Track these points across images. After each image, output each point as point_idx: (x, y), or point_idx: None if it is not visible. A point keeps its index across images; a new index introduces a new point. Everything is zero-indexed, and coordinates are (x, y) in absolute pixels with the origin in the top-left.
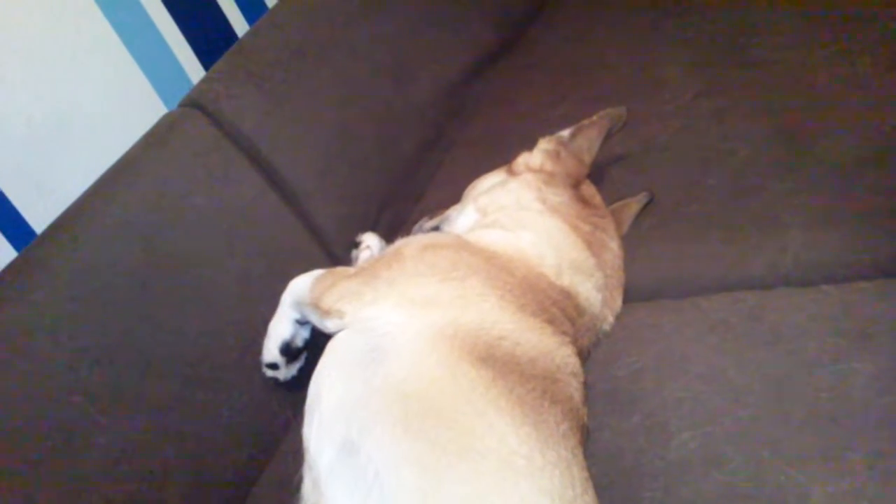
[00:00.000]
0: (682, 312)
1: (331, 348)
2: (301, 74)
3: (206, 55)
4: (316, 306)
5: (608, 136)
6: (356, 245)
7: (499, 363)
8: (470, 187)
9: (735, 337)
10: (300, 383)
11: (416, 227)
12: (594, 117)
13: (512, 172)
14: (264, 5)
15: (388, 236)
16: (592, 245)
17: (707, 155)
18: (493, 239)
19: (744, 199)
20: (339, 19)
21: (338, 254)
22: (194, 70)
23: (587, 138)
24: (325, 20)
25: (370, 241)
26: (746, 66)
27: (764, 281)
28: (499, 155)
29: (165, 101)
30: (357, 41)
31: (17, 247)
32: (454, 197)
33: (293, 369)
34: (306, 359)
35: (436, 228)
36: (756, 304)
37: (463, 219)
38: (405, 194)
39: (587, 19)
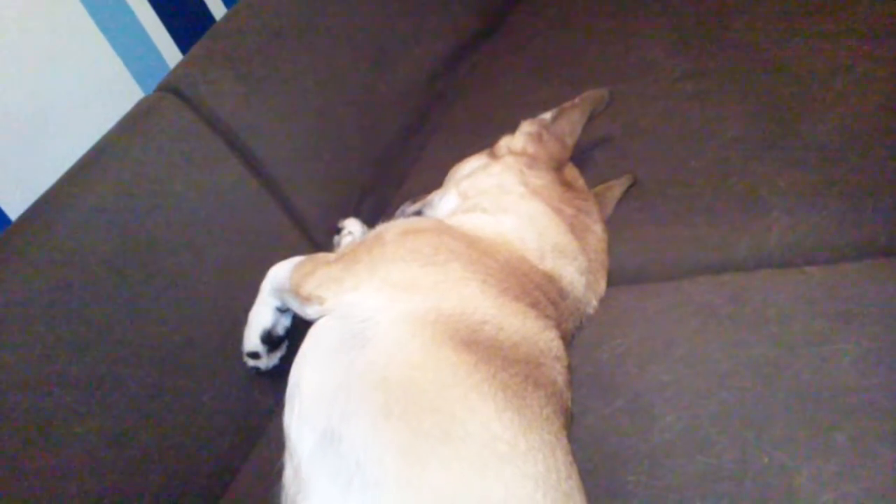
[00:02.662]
0: (666, 296)
1: (311, 335)
2: (280, 58)
3: (183, 39)
4: (296, 293)
5: (591, 119)
6: (338, 231)
7: (481, 348)
8: (452, 171)
9: (719, 320)
10: (282, 371)
11: (398, 212)
12: (576, 99)
13: (494, 156)
14: None
15: (371, 221)
16: (575, 228)
17: (690, 137)
18: (474, 223)
19: (727, 181)
20: (319, 2)
21: (319, 240)
22: (171, 54)
23: (569, 120)
24: (305, 3)
25: (352, 227)
26: (730, 47)
27: (748, 263)
28: (482, 139)
29: (142, 87)
30: (337, 25)
31: None
32: (437, 181)
33: (274, 358)
34: (288, 347)
35: (418, 213)
36: (740, 287)
37: (445, 203)
38: (387, 179)
39: (570, 2)
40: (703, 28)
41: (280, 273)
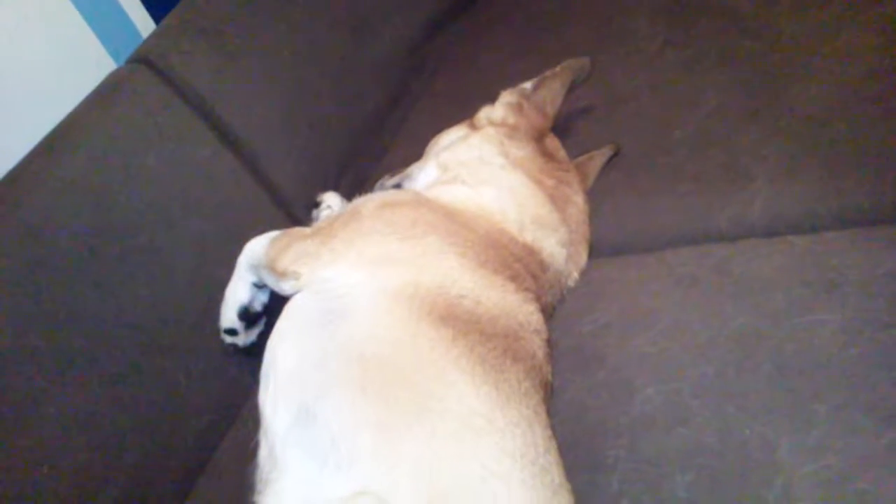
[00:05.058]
0: (648, 267)
1: (287, 311)
2: (255, 29)
3: (157, 9)
4: (272, 268)
5: (572, 88)
6: (316, 205)
7: (459, 322)
8: (431, 143)
9: (701, 291)
10: (260, 348)
11: (378, 185)
12: (557, 68)
13: (474, 127)
14: None
15: (350, 195)
16: (556, 200)
17: (673, 106)
18: (453, 195)
19: (710, 151)
20: None
21: (297, 214)
22: (144, 25)
23: (550, 90)
24: None
25: (330, 201)
26: (713, 15)
27: (731, 233)
28: (463, 110)
29: (114, 58)
30: None
31: None
32: (417, 153)
33: (252, 335)
34: (266, 323)
35: (397, 186)
36: (722, 257)
37: (424, 175)
38: (367, 152)
39: None
40: None
41: (256, 248)
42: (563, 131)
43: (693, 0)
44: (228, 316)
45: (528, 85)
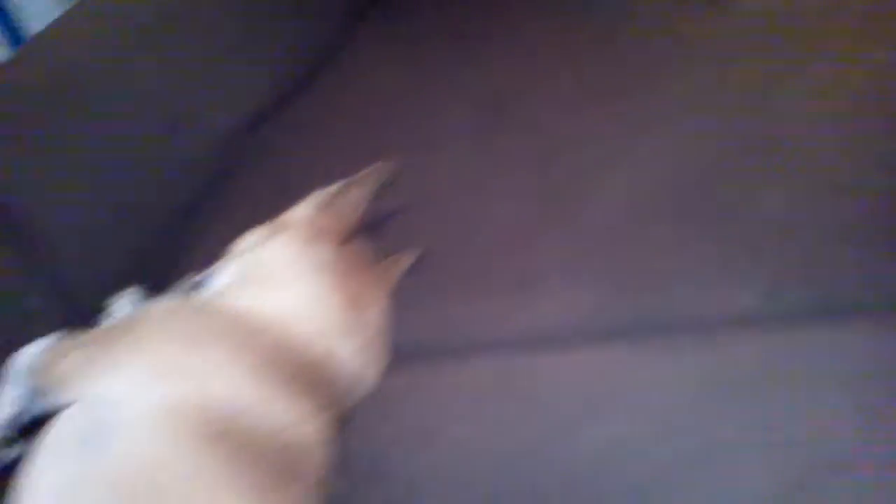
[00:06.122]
0: (443, 375)
1: (55, 424)
2: (59, 116)
3: None
4: (45, 376)
5: (380, 191)
6: (109, 307)
7: (237, 438)
8: (235, 244)
9: (492, 401)
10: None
11: (175, 286)
12: (365, 171)
13: (278, 228)
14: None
15: (151, 296)
16: (357, 304)
17: (478, 211)
18: (249, 300)
19: (508, 258)
20: (109, 54)
21: (88, 317)
22: None
23: (357, 193)
24: (93, 54)
25: (124, 304)
26: (523, 125)
27: (523, 341)
28: (276, 208)
29: None
30: (130, 80)
31: None
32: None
33: (18, 450)
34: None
35: (197, 287)
36: (514, 367)
37: (222, 278)
38: (172, 251)
39: (377, 68)
40: (499, 101)
41: (30, 355)
42: (370, 234)
43: (505, 108)
44: None
45: (334, 187)
